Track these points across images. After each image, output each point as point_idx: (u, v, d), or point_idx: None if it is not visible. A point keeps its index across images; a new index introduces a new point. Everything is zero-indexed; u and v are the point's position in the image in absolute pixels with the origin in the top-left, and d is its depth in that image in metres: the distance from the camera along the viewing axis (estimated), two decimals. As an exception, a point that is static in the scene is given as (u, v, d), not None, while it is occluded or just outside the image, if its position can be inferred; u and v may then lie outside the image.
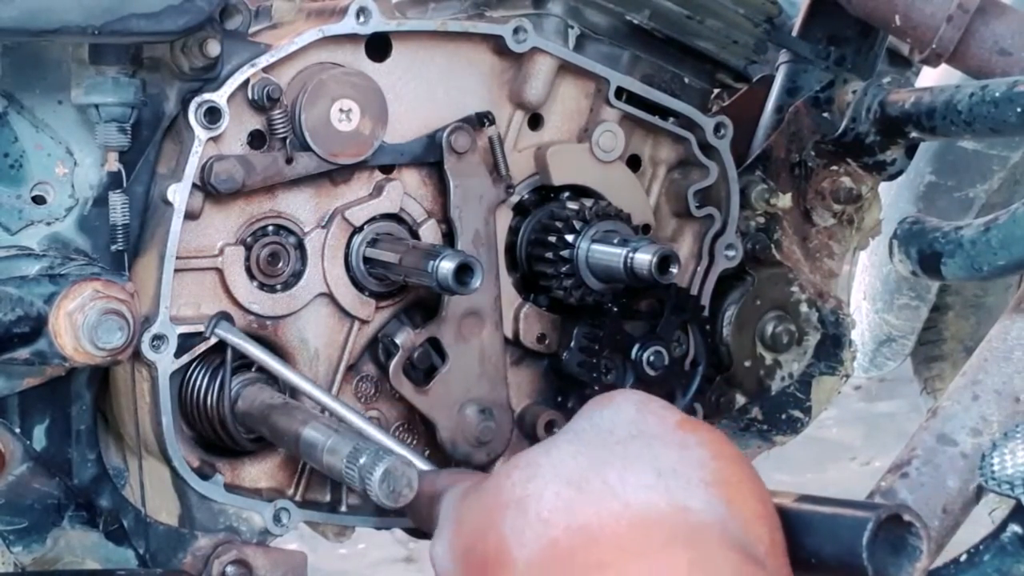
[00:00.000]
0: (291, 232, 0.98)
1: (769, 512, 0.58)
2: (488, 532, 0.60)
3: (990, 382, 0.83)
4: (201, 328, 0.93)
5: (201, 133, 0.90)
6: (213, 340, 0.93)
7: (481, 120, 1.01)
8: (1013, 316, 0.88)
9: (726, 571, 0.52)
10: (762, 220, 1.18)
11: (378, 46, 0.99)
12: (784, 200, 1.18)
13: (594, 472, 0.57)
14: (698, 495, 0.55)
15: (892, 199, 2.11)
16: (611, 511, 0.55)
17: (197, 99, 0.90)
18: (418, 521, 0.79)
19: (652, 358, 1.07)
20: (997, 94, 0.97)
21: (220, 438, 0.97)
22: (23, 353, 0.84)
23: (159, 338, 0.91)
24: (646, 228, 1.11)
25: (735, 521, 0.55)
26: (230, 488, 0.97)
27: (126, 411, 0.96)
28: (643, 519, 0.54)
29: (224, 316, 0.94)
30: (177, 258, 0.91)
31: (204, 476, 0.96)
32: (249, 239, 0.96)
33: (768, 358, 1.19)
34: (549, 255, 1.03)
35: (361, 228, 0.99)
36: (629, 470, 0.56)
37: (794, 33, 1.24)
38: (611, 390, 0.71)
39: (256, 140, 0.95)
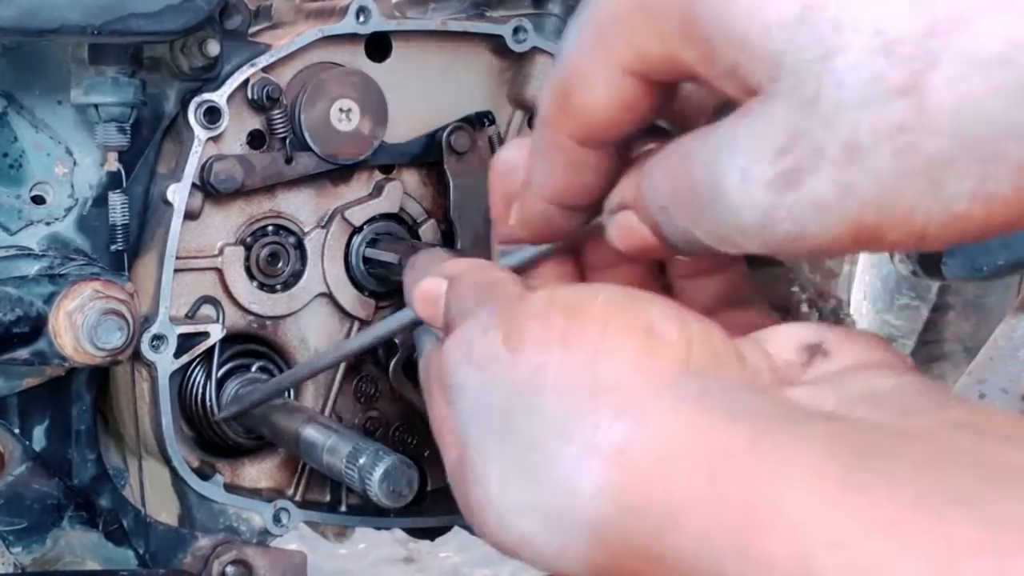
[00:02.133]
0: (291, 232, 0.98)
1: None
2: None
3: (996, 381, 0.83)
4: (201, 328, 0.93)
5: (201, 133, 0.90)
6: (212, 340, 0.93)
7: (481, 120, 1.01)
8: (1019, 315, 0.88)
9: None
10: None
11: (378, 46, 0.99)
12: (784, 200, 1.19)
13: (540, 486, 0.45)
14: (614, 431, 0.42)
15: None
16: (580, 524, 0.43)
17: (197, 99, 0.90)
18: None
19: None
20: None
21: (219, 436, 0.97)
22: (23, 353, 0.84)
23: (159, 338, 0.91)
24: (646, 228, 1.11)
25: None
26: (230, 488, 0.97)
27: (126, 411, 0.96)
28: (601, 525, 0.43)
29: (206, 300, 0.94)
30: (177, 258, 0.91)
31: (204, 476, 0.96)
32: (249, 239, 0.96)
33: (768, 358, 1.19)
34: (549, 255, 1.03)
35: (361, 228, 0.99)
36: (551, 457, 0.44)
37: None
38: None
39: (256, 140, 0.95)
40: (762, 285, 1.21)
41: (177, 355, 0.92)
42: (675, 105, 0.52)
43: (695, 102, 0.53)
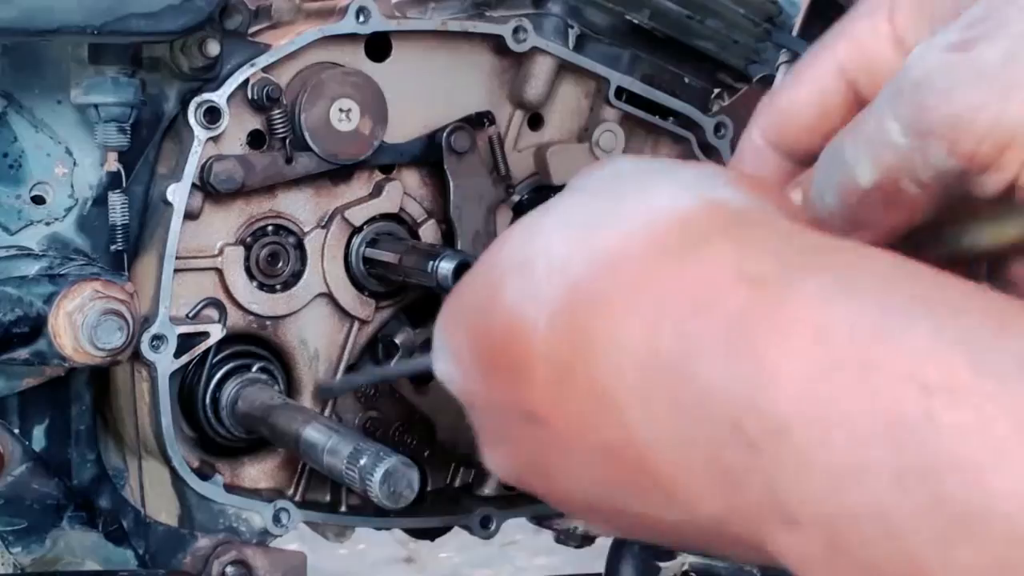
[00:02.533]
0: (291, 232, 0.98)
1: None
2: (491, 310, 0.49)
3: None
4: (201, 328, 0.93)
5: (201, 133, 0.90)
6: (213, 340, 0.93)
7: (481, 120, 1.01)
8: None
9: (776, 239, 0.43)
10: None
11: (378, 46, 0.99)
12: (784, 200, 1.18)
13: (608, 206, 0.47)
14: (728, 191, 0.46)
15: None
16: (634, 226, 0.45)
17: (197, 99, 0.90)
18: None
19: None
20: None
21: (218, 434, 0.97)
22: (22, 353, 0.84)
23: (158, 338, 0.91)
24: (646, 228, 1.11)
25: (768, 201, 0.47)
26: (230, 488, 0.97)
27: (125, 411, 0.96)
28: (674, 220, 0.44)
29: (210, 302, 0.94)
30: (176, 258, 0.91)
31: (204, 476, 0.96)
32: (249, 239, 0.96)
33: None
34: (549, 255, 1.02)
35: (361, 228, 0.99)
36: (646, 192, 0.47)
37: (794, 33, 1.24)
38: None
39: (256, 140, 0.95)
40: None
41: (177, 355, 0.92)
42: None
43: None
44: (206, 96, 0.90)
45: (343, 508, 1.01)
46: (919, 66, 0.42)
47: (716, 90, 1.20)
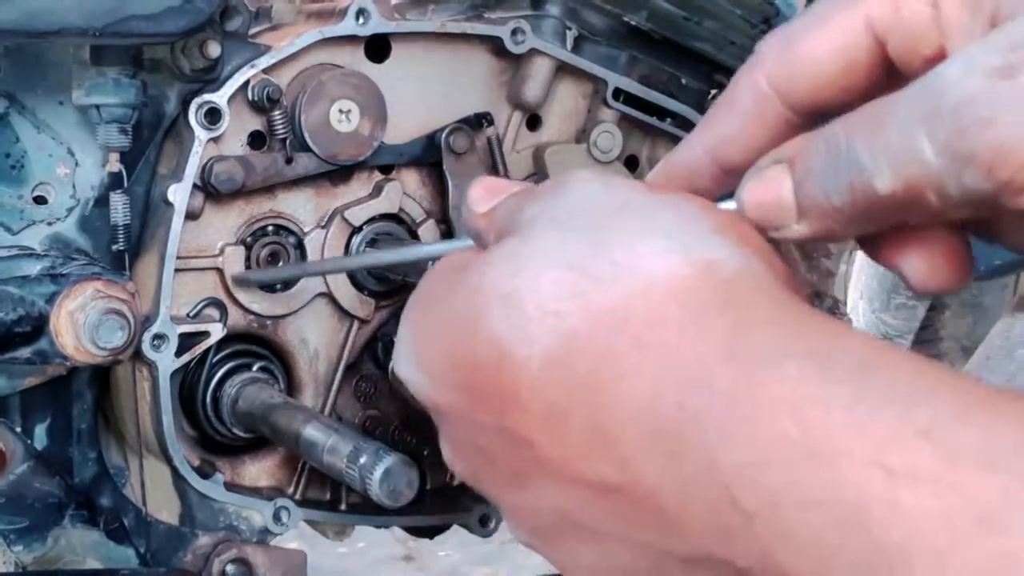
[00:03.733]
0: (291, 232, 0.98)
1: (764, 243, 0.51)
2: (474, 336, 0.50)
3: (993, 379, 0.84)
4: (201, 328, 0.93)
5: (201, 134, 0.91)
6: (213, 339, 0.94)
7: (480, 121, 1.02)
8: (1015, 314, 0.88)
9: (764, 317, 0.45)
10: (759, 220, 1.18)
11: (377, 47, 0.99)
12: (781, 200, 1.18)
13: (594, 252, 0.48)
14: (714, 245, 0.47)
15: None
16: (633, 288, 0.46)
17: (197, 100, 0.91)
18: None
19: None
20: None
21: (218, 432, 0.97)
22: (24, 353, 0.85)
23: (159, 337, 0.91)
24: (644, 228, 1.11)
25: (755, 260, 0.48)
26: (230, 487, 0.98)
27: (127, 410, 0.97)
28: (671, 288, 0.46)
29: (211, 302, 0.95)
30: (177, 258, 0.91)
31: (204, 475, 0.96)
32: (249, 239, 0.96)
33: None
34: (547, 255, 1.03)
35: (360, 228, 0.99)
36: (634, 242, 0.48)
37: (791, 34, 1.24)
38: None
39: (256, 141, 0.96)
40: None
41: (178, 354, 0.92)
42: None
43: None
44: (207, 97, 0.91)
45: (343, 506, 1.01)
46: (958, 89, 0.41)
47: (713, 91, 1.21)
